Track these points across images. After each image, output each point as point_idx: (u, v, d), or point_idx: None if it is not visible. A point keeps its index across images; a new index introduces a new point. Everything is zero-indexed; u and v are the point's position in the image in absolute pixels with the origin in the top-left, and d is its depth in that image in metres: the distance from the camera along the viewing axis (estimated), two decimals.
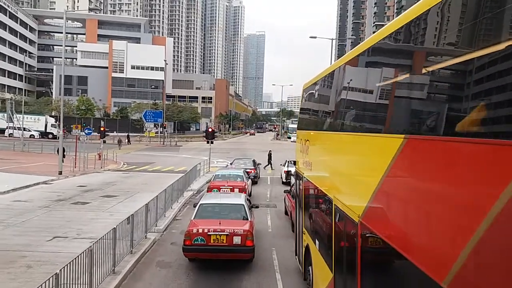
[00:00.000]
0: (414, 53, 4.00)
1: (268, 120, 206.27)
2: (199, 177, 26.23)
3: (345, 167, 6.25)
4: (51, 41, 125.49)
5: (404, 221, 3.93)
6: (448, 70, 3.30)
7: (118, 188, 21.88)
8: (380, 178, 4.31)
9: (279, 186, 24.62)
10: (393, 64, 4.63)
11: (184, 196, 19.38)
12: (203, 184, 24.01)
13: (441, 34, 3.38)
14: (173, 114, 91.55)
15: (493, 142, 2.48)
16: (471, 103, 2.87)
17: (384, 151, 4.21)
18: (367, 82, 5.47)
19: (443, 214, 3.05)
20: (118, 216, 14.43)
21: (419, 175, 3.58)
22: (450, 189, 3.00)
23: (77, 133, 29.77)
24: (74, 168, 28.54)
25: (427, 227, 3.37)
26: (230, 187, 17.59)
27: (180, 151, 50.93)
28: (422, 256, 3.35)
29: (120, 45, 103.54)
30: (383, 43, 4.65)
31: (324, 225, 7.38)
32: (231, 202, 12.13)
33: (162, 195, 15.39)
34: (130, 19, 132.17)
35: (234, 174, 19.88)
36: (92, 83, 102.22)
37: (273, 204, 19.12)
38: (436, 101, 3.55)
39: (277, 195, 21.12)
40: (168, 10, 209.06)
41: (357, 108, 5.95)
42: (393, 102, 4.44)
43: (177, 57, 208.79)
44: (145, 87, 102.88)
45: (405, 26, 4.01)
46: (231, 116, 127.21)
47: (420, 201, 3.52)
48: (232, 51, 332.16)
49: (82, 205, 17.36)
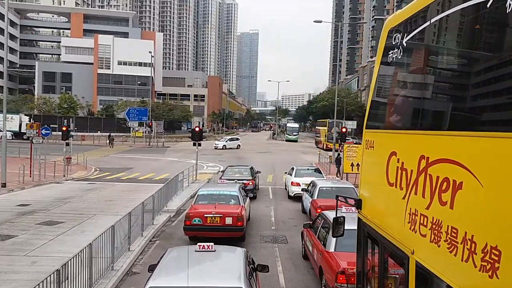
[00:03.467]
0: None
1: (262, 119, 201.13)
2: (182, 190, 20.68)
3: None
4: (34, 36, 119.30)
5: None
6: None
7: (70, 208, 16.34)
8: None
9: (285, 201, 19.17)
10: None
11: (154, 224, 13.83)
12: (185, 200, 18.51)
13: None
14: (163, 113, 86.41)
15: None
16: None
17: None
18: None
19: None
20: (38, 268, 9.12)
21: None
22: None
23: (31, 134, 24.09)
24: (29, 177, 22.99)
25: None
26: (220, 215, 11.65)
27: (166, 153, 45.34)
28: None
29: (106, 40, 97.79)
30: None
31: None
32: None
33: (123, 223, 10.55)
34: (117, 12, 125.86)
35: (225, 193, 13.32)
36: (76, 80, 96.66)
37: (281, 237, 13.16)
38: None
39: (285, 218, 15.62)
40: (159, 7, 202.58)
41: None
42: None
43: (169, 55, 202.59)
44: (133, 84, 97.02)
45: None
46: (224, 115, 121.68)
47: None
48: (225, 49, 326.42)
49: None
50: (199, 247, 6.69)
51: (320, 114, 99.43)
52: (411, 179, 3.73)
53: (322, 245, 8.97)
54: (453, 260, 2.92)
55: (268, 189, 22.61)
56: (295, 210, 17.25)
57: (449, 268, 3.01)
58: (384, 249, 4.42)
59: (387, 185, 4.28)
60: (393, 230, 4.10)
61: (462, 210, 2.92)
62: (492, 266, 2.49)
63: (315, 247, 9.55)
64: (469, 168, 2.82)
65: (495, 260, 2.47)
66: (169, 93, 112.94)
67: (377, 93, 5.21)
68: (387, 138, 4.60)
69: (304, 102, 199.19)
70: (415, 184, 3.63)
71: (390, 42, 4.70)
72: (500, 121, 2.72)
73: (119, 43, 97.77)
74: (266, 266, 7.35)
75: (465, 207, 2.89)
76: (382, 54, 4.93)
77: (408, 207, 3.77)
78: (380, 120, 5.05)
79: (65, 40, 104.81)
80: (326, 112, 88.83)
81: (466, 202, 2.88)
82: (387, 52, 4.76)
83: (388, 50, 4.75)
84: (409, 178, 3.77)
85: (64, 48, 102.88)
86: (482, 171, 2.70)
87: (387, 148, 4.41)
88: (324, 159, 36.94)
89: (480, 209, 2.69)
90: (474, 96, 3.15)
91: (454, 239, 2.93)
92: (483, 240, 2.60)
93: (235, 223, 11.78)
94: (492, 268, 2.49)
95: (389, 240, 4.15)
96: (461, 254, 2.84)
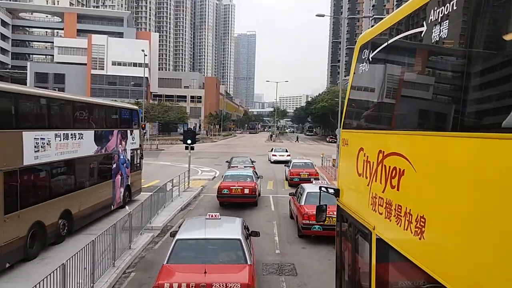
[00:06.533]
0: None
1: (260, 120, 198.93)
2: (171, 201, 18.18)
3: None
4: (27, 37, 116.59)
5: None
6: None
7: None
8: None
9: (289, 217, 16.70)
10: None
11: (132, 248, 11.27)
12: (174, 214, 16.03)
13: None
14: (158, 114, 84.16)
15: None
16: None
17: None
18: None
19: None
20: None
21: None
22: None
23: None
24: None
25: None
26: (241, 187, 17.15)
27: (159, 156, 42.84)
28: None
29: (100, 40, 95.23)
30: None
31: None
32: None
33: (88, 251, 8.35)
34: (112, 12, 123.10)
35: (244, 174, 16.32)
36: (70, 81, 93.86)
37: (288, 266, 10.55)
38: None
39: (291, 238, 13.13)
40: (156, 7, 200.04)
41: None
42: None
43: (165, 56, 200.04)
44: (128, 85, 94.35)
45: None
46: (221, 116, 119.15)
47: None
48: (222, 51, 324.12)
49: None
50: (209, 216, 9.28)
51: (319, 115, 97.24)
52: (372, 169, 4.54)
53: (297, 202, 14.16)
54: (399, 231, 3.68)
55: (269, 198, 20.03)
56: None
57: (397, 237, 3.80)
58: (355, 229, 5.07)
59: (357, 175, 5.03)
60: (361, 211, 4.83)
61: (404, 191, 3.74)
62: (420, 231, 3.26)
63: (294, 205, 14.62)
64: (408, 159, 3.66)
65: (422, 226, 3.24)
66: (165, 94, 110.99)
67: (351, 100, 5.93)
68: (356, 137, 5.44)
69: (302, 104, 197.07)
70: (375, 173, 4.43)
71: (360, 57, 5.48)
72: (425, 123, 3.72)
73: (113, 43, 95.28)
74: (257, 232, 10.22)
75: (406, 188, 3.71)
76: (355, 67, 5.68)
77: (370, 192, 4.54)
78: (352, 122, 5.87)
79: (58, 40, 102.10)
80: (325, 113, 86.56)
81: (406, 185, 3.68)
82: (358, 65, 5.53)
83: (359, 64, 5.53)
84: (371, 168, 4.58)
85: (57, 49, 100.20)
86: (416, 160, 3.50)
87: (357, 145, 5.21)
88: (327, 163, 34.65)
89: (414, 189, 3.52)
90: (406, 104, 4.19)
91: (399, 214, 3.73)
92: (416, 212, 3.39)
93: (250, 193, 17.46)
94: (421, 232, 3.25)
95: (358, 220, 4.88)
96: (404, 225, 3.59)
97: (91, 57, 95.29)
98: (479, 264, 2.46)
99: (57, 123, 12.01)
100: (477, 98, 2.77)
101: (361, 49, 5.41)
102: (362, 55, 5.34)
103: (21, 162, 9.84)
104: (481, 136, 2.52)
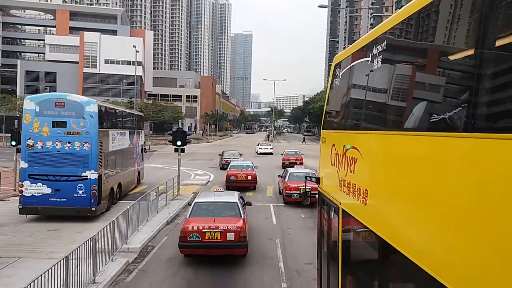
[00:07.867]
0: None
1: (257, 120, 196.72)
2: (156, 212, 15.78)
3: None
4: (18, 34, 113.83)
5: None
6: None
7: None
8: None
9: (296, 228, 14.28)
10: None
11: (97, 282, 8.78)
12: (157, 230, 13.60)
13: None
14: (152, 114, 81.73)
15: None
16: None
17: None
18: None
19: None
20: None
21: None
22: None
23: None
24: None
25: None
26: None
27: (151, 158, 40.41)
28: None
29: (92, 37, 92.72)
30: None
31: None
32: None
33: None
34: (105, 9, 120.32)
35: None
36: (61, 79, 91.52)
37: None
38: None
39: (300, 264, 10.61)
40: (151, 6, 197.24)
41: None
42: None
43: (161, 55, 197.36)
44: (121, 84, 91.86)
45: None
46: (217, 116, 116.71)
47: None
48: (219, 50, 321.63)
49: None
50: (216, 190, 14.09)
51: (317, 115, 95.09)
52: (340, 159, 5.75)
53: (283, 179, 19.82)
54: (354, 202, 4.83)
55: (269, 208, 17.58)
56: (314, 245, 12.49)
57: (353, 207, 4.94)
58: (329, 206, 6.27)
59: (331, 165, 6.23)
60: (333, 192, 6.02)
61: (356, 173, 4.88)
62: (365, 200, 4.41)
63: (282, 183, 19.86)
64: (359, 150, 4.88)
65: (365, 196, 4.40)
66: (160, 94, 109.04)
67: (328, 107, 7.31)
68: (330, 135, 6.72)
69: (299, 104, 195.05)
70: (341, 162, 5.62)
71: (334, 73, 6.76)
72: (367, 125, 4.92)
73: (106, 41, 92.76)
74: (250, 202, 13.97)
75: (357, 171, 4.85)
76: (331, 81, 6.97)
77: (338, 177, 5.71)
78: (328, 124, 7.08)
79: (49, 38, 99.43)
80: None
81: (358, 168, 4.83)
82: (333, 80, 6.85)
83: (333, 79, 6.83)
84: (339, 159, 5.80)
85: (49, 46, 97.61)
86: (363, 151, 4.72)
87: (331, 142, 6.47)
88: None
89: (361, 170, 4.74)
90: (356, 113, 5.50)
91: (354, 190, 4.86)
92: (363, 187, 4.55)
93: (252, 179, 22.23)
94: (365, 201, 4.41)
95: (331, 199, 6.04)
96: (357, 198, 4.70)
97: (83, 55, 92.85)
98: (399, 217, 3.54)
99: (116, 125, 18.07)
100: (395, 106, 4.05)
101: (335, 67, 6.57)
102: (335, 72, 6.57)
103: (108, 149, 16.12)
104: (391, 134, 3.92)
